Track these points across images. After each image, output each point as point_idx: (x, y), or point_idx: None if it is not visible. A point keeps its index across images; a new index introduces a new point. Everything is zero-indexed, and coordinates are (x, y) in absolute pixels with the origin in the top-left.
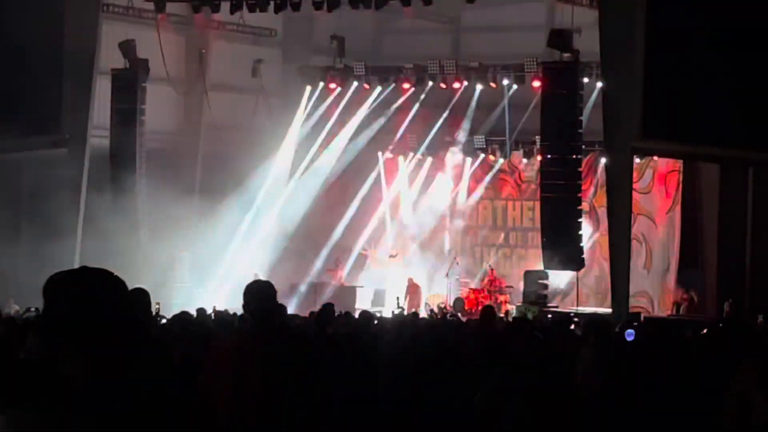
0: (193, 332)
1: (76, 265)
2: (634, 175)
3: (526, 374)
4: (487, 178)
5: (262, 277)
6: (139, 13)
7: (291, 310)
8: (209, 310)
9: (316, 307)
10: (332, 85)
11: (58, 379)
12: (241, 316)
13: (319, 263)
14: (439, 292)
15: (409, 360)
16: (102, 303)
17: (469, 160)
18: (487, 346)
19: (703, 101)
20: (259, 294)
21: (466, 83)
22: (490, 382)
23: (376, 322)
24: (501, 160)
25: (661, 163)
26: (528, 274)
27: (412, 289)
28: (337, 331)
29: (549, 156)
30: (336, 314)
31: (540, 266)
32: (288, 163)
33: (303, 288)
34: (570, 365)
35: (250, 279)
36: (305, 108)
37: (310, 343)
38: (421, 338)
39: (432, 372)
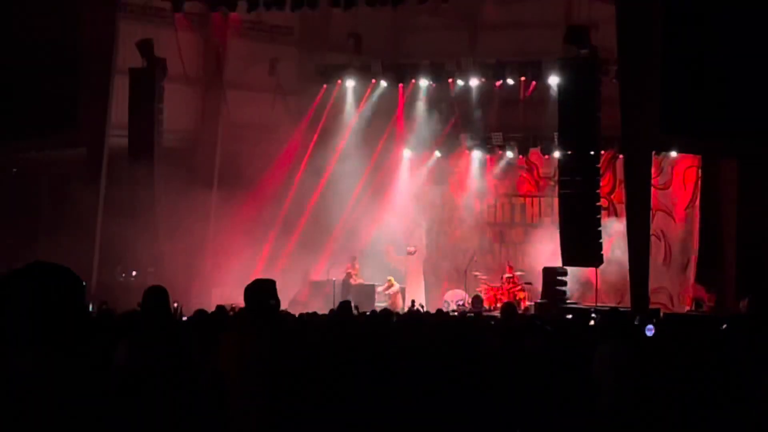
0: (211, 331)
1: (95, 264)
2: (653, 170)
3: (538, 369)
4: (506, 175)
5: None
6: (156, 13)
7: (310, 307)
8: (228, 308)
9: (335, 305)
10: (349, 83)
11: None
12: (241, 311)
13: (337, 260)
14: (457, 289)
15: (428, 357)
16: (54, 299)
17: (487, 157)
18: (506, 343)
19: (721, 95)
20: (259, 291)
21: (483, 80)
22: (509, 379)
23: (395, 319)
24: (519, 157)
25: (680, 159)
26: (547, 271)
27: (385, 288)
28: (357, 329)
29: (567, 152)
30: (354, 312)
31: (559, 263)
32: (304, 160)
33: (322, 285)
34: (587, 360)
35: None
36: (323, 105)
37: (307, 339)
38: (441, 335)
39: (451, 369)
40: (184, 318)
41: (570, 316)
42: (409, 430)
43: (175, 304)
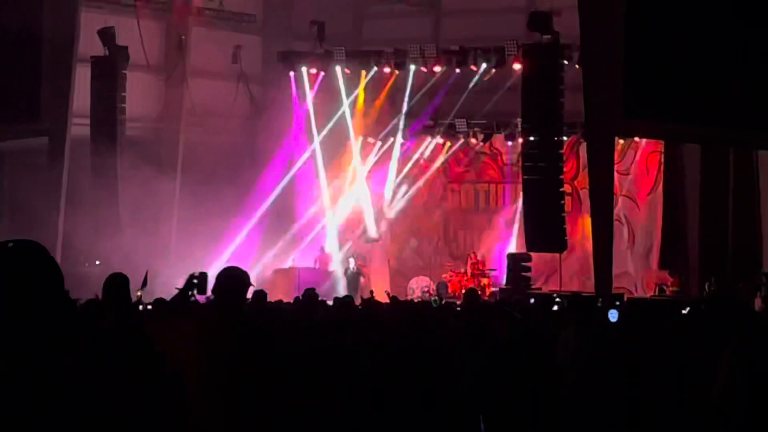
0: (173, 319)
1: (59, 254)
2: (616, 156)
3: (507, 355)
4: (470, 161)
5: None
6: (118, 1)
7: (274, 295)
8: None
9: (299, 292)
10: (313, 71)
11: None
12: (208, 299)
13: (300, 248)
14: (422, 276)
15: (392, 343)
16: (23, 281)
17: (451, 143)
18: (470, 329)
19: (684, 81)
20: (227, 279)
21: (446, 67)
22: (473, 366)
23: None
24: (482, 144)
25: (643, 144)
26: (511, 257)
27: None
28: (324, 317)
29: (530, 138)
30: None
31: (523, 248)
32: (268, 147)
33: (285, 273)
34: (551, 346)
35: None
36: (286, 93)
37: (281, 330)
38: (405, 322)
39: (415, 355)
40: (149, 307)
41: (532, 301)
42: (375, 418)
43: (138, 293)
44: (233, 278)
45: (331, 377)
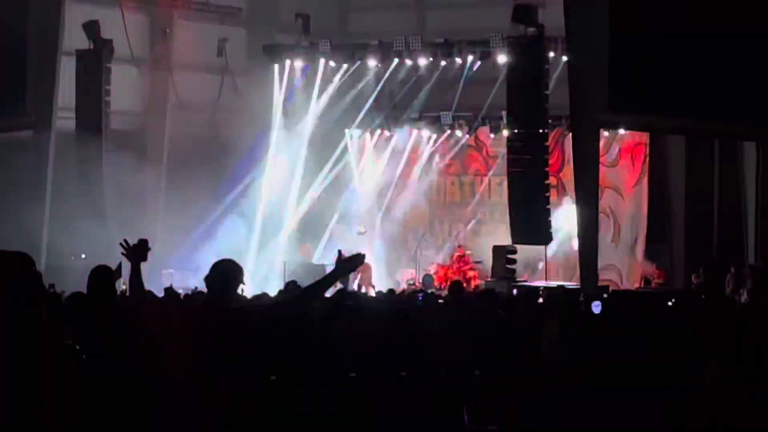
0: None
1: (44, 249)
2: (601, 148)
3: (489, 347)
4: (455, 153)
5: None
6: None
7: (263, 288)
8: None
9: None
10: (298, 63)
11: None
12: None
13: (287, 241)
14: (408, 269)
15: (378, 336)
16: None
17: (436, 136)
18: (454, 321)
19: (669, 73)
20: (220, 270)
21: (431, 59)
22: (456, 356)
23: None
24: (468, 136)
25: (628, 136)
26: (496, 249)
27: (362, 267)
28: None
29: (515, 131)
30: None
31: (508, 241)
32: (253, 141)
33: (271, 266)
34: (535, 338)
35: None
36: (279, 87)
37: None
38: (390, 314)
39: (400, 347)
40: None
41: (515, 292)
42: (359, 410)
43: (124, 287)
44: (224, 271)
45: (317, 370)
